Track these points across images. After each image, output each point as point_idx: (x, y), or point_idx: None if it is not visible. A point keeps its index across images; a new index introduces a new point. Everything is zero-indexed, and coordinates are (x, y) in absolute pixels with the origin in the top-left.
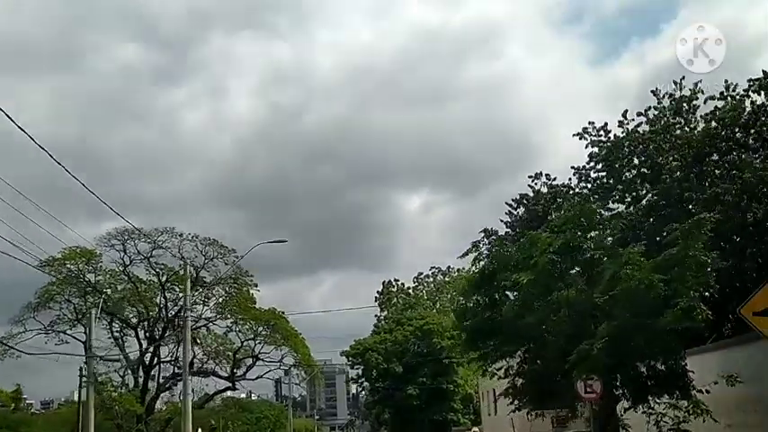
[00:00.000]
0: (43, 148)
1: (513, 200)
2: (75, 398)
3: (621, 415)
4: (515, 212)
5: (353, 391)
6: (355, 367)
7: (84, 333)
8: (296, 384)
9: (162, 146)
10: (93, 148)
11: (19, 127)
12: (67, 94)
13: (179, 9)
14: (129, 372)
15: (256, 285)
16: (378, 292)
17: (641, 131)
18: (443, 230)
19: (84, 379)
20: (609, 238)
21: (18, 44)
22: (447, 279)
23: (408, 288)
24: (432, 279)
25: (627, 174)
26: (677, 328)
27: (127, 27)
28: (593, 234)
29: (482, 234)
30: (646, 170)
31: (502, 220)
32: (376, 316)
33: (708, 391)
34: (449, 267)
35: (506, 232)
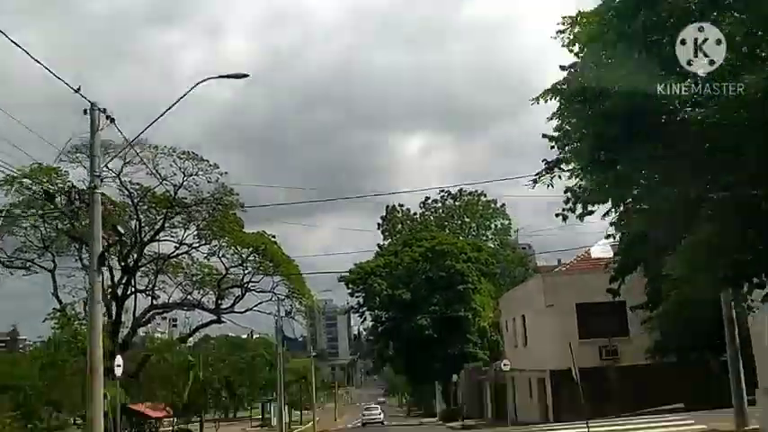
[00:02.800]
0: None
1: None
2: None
3: None
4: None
5: (356, 330)
6: (356, 296)
7: (53, 262)
8: (291, 318)
9: (158, 87)
10: (88, 89)
11: (15, 43)
12: (62, 36)
13: None
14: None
15: (242, 206)
16: (381, 217)
17: None
18: (442, 173)
19: None
20: None
21: None
22: (458, 203)
23: (414, 214)
24: (440, 204)
25: None
26: None
27: None
28: None
29: None
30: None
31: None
32: (378, 245)
33: None
34: (460, 191)
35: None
